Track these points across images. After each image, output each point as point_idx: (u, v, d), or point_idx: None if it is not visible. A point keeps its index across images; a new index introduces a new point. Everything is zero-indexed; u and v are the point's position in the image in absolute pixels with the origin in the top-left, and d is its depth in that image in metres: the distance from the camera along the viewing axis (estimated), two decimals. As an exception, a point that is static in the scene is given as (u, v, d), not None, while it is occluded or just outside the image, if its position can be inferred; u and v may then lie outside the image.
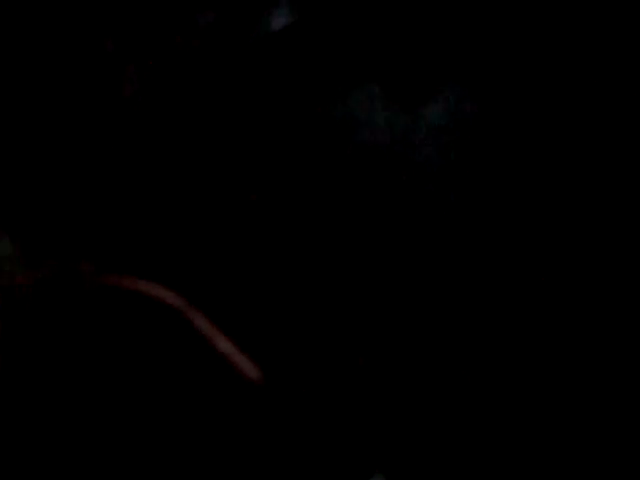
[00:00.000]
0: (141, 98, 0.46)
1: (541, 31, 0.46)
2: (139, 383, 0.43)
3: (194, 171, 0.45)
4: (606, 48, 0.47)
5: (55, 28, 0.45)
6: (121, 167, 0.45)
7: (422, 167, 0.45)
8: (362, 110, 0.46)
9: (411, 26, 0.46)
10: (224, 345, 0.44)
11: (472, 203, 0.45)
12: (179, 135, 0.45)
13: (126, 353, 0.44)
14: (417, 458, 0.43)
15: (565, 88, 0.46)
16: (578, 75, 0.46)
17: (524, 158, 0.46)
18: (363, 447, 0.43)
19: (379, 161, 0.45)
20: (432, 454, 0.42)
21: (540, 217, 0.46)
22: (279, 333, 0.45)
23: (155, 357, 0.44)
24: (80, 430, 0.44)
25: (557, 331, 0.45)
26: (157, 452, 0.44)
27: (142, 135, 0.45)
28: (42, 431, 0.43)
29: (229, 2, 0.44)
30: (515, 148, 0.46)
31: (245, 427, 0.44)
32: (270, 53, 0.44)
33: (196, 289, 0.45)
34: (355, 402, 0.43)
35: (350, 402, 0.43)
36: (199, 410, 0.43)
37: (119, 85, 0.46)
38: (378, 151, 0.45)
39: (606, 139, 0.46)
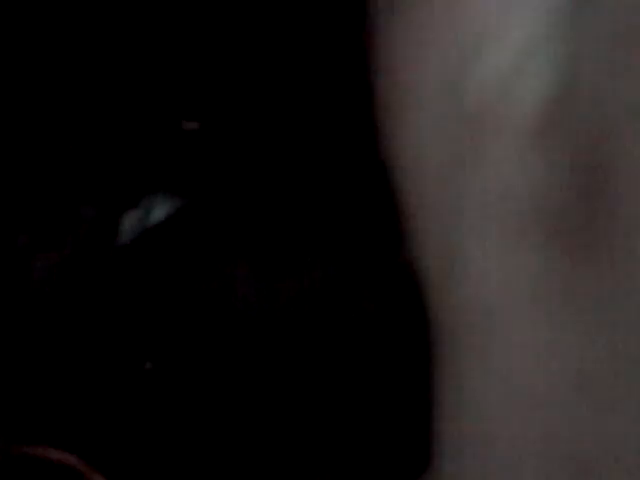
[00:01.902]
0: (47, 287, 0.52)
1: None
2: None
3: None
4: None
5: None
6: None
7: (289, 337, 0.52)
8: (229, 284, 0.52)
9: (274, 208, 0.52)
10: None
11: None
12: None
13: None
14: None
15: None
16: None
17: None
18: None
19: (247, 334, 0.51)
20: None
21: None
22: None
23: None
24: None
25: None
26: None
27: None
28: None
29: (108, 198, 0.50)
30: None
31: None
32: (148, 245, 0.50)
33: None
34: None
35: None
36: None
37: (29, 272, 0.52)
38: (244, 317, 0.51)
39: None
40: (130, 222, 0.50)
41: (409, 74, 0.18)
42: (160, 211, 0.49)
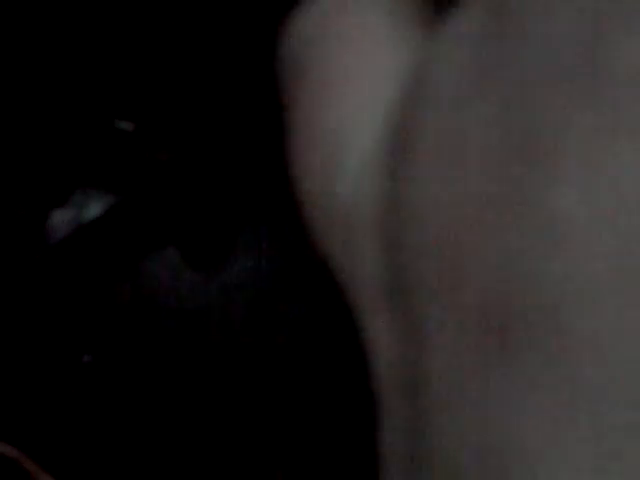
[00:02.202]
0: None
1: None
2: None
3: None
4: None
5: None
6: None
7: (224, 327, 0.52)
8: (164, 277, 0.52)
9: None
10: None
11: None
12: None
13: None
14: None
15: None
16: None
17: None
18: None
19: (184, 325, 0.52)
20: None
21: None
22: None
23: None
24: None
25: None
26: None
27: None
28: None
29: (36, 196, 0.50)
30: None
31: None
32: (84, 241, 0.50)
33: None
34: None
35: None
36: None
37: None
38: (183, 315, 0.52)
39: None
40: (64, 219, 0.50)
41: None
42: (94, 208, 0.50)
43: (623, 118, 0.13)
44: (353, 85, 0.18)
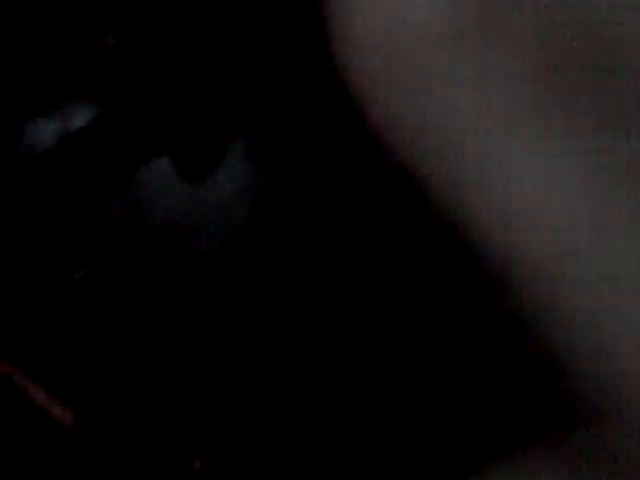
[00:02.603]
0: None
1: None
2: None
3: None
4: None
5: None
6: None
7: (218, 239, 0.50)
8: (152, 190, 0.50)
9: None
10: (40, 395, 0.50)
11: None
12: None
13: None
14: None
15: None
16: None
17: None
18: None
19: (175, 240, 0.49)
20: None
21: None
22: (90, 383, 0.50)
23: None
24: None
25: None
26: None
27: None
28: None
29: (11, 105, 0.48)
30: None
31: (58, 467, 0.49)
32: (69, 152, 0.48)
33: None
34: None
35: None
36: (15, 450, 0.48)
37: None
38: (174, 230, 0.50)
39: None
40: (51, 128, 0.48)
41: None
42: (81, 117, 0.47)
43: None
44: None
